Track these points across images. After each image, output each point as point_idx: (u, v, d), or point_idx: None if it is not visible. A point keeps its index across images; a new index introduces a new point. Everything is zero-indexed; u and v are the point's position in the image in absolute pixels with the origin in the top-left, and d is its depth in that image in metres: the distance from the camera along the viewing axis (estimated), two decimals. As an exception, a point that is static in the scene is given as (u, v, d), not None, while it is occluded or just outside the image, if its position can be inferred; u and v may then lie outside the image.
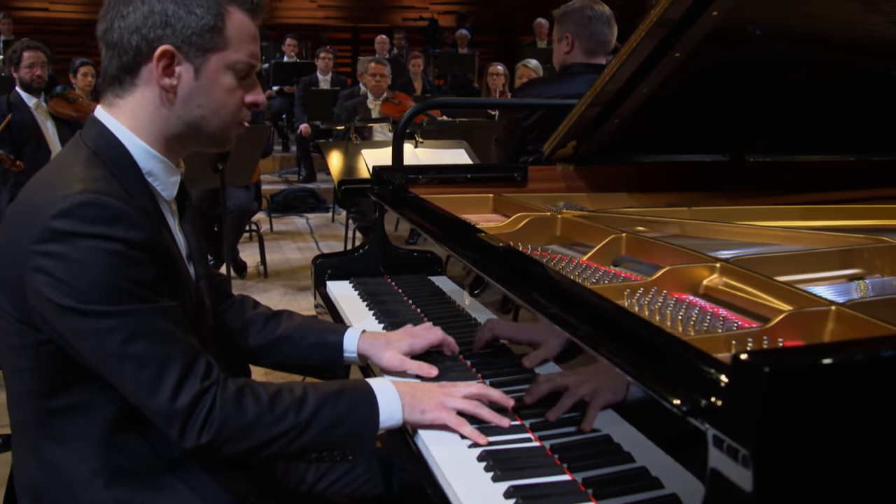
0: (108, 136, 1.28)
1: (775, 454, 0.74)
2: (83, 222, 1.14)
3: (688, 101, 2.25)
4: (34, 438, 1.27)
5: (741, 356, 0.77)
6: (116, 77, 1.28)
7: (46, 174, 1.28)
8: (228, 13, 1.27)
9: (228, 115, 1.31)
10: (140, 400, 1.19)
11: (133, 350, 1.16)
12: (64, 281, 1.14)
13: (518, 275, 1.39)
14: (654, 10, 1.85)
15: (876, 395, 0.80)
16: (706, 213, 2.08)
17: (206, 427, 1.18)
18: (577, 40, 3.14)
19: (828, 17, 2.03)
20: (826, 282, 1.59)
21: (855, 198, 2.38)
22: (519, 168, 2.46)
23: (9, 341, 1.24)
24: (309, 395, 1.26)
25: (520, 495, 1.09)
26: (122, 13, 1.25)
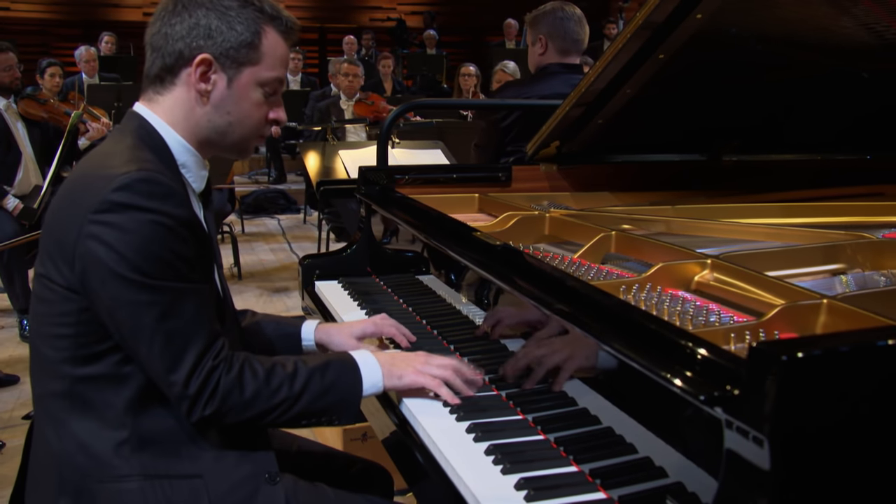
0: (149, 127, 1.39)
1: (790, 436, 0.78)
2: (140, 196, 1.24)
3: (667, 101, 2.30)
4: (61, 408, 1.32)
5: (758, 347, 0.80)
6: (158, 76, 1.39)
7: (98, 156, 1.37)
8: (265, 32, 1.40)
9: (252, 126, 1.43)
10: (160, 372, 1.27)
11: (166, 326, 1.25)
12: (116, 249, 1.23)
13: (523, 273, 1.42)
14: (640, 12, 1.89)
15: (880, 380, 0.84)
16: (690, 211, 2.13)
17: (210, 401, 1.27)
18: (551, 41, 3.18)
19: (800, 20, 2.09)
20: (810, 277, 1.64)
21: (828, 196, 2.45)
22: (503, 168, 2.49)
23: (51, 309, 1.31)
24: (300, 369, 1.36)
25: (530, 487, 1.12)
26: (170, 22, 1.37)
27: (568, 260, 1.71)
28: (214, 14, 1.36)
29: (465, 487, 1.16)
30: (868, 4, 2.04)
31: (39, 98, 4.80)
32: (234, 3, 1.37)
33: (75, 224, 1.25)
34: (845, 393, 0.82)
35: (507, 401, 1.43)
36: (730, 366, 0.88)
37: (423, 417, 1.37)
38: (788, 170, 2.67)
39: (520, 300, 1.51)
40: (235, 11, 1.37)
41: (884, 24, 2.11)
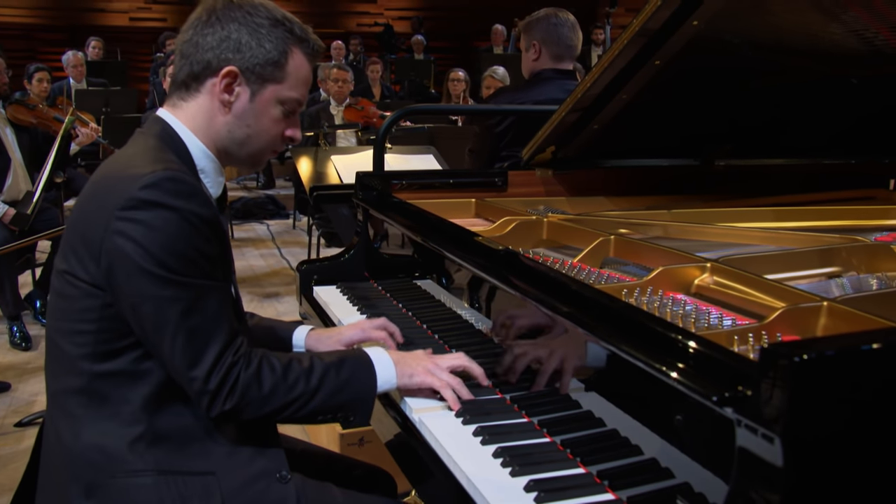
0: (171, 131, 1.43)
1: (802, 434, 0.80)
2: (167, 194, 1.27)
3: (661, 107, 2.32)
4: (78, 404, 1.34)
5: (770, 348, 0.82)
6: (184, 82, 1.43)
7: (124, 157, 1.40)
8: (292, 53, 1.44)
9: (268, 140, 1.48)
10: (182, 368, 1.28)
11: (189, 321, 1.27)
12: (142, 244, 1.25)
13: (528, 277, 1.43)
14: (637, 18, 1.91)
15: (888, 379, 0.86)
16: (686, 215, 2.15)
17: (230, 396, 1.30)
18: (545, 47, 3.21)
19: (791, 27, 2.11)
20: (807, 280, 1.66)
21: (819, 200, 2.48)
22: (499, 173, 2.50)
23: (73, 305, 1.33)
24: (315, 365, 1.39)
25: (540, 488, 1.13)
26: (202, 32, 1.41)
27: (568, 264, 1.73)
28: (246, 29, 1.40)
29: (475, 490, 1.17)
30: (857, 11, 2.07)
31: (28, 103, 4.78)
32: (265, 22, 1.41)
33: (102, 221, 1.28)
34: (855, 392, 0.84)
35: (511, 404, 1.44)
36: (740, 367, 0.90)
37: (429, 420, 1.39)
38: (779, 174, 2.71)
39: (522, 304, 1.53)
40: (266, 30, 1.41)
41: (872, 30, 2.14)
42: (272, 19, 1.42)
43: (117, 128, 6.06)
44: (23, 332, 4.35)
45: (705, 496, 1.07)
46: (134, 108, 7.79)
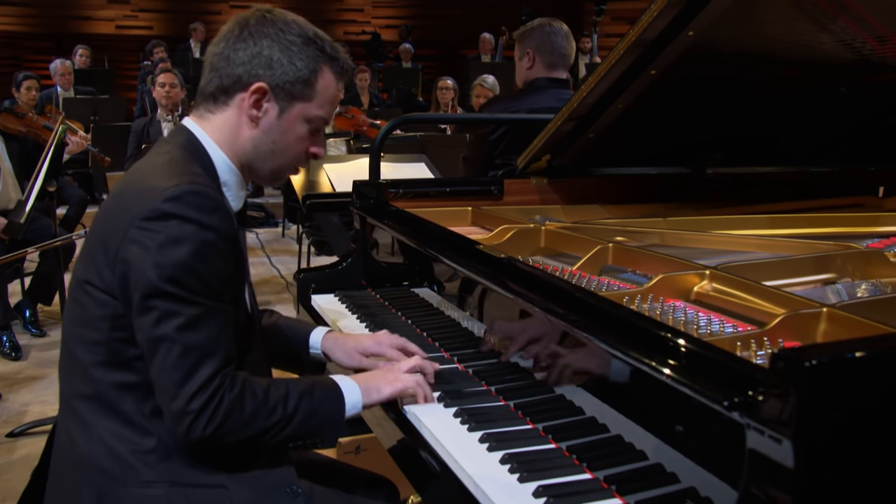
0: (196, 142, 1.44)
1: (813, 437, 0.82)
2: (189, 208, 1.27)
3: (655, 115, 2.35)
4: (90, 410, 1.34)
5: (782, 353, 0.84)
6: (213, 95, 1.44)
7: (148, 166, 1.40)
8: (322, 72, 1.45)
9: (292, 157, 1.49)
10: (168, 384, 1.27)
11: (186, 338, 1.26)
12: (156, 255, 1.26)
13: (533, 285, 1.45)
14: (634, 29, 1.94)
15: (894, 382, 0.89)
16: (681, 223, 2.18)
17: (212, 419, 1.27)
18: (539, 55, 3.24)
19: (782, 37, 2.15)
20: (802, 286, 1.69)
21: (810, 207, 2.51)
22: (495, 181, 2.52)
23: (87, 313, 1.34)
24: (291, 390, 1.38)
25: (549, 494, 1.14)
26: (234, 47, 1.42)
27: (568, 272, 1.75)
28: (278, 47, 1.41)
29: (483, 496, 1.18)
30: (845, 22, 2.11)
31: (18, 112, 4.77)
32: (297, 40, 1.42)
33: (121, 229, 1.28)
34: (863, 395, 0.86)
35: (515, 411, 1.46)
36: (749, 372, 0.92)
37: (433, 427, 1.40)
38: (770, 182, 2.74)
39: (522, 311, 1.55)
40: (298, 47, 1.42)
41: (860, 40, 2.18)
42: (304, 37, 1.43)
43: (107, 136, 6.04)
44: (13, 342, 4.32)
45: (711, 500, 1.09)
46: (122, 116, 7.76)
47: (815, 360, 0.82)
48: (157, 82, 5.23)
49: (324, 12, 14.22)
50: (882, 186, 2.77)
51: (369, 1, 14.24)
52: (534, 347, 1.53)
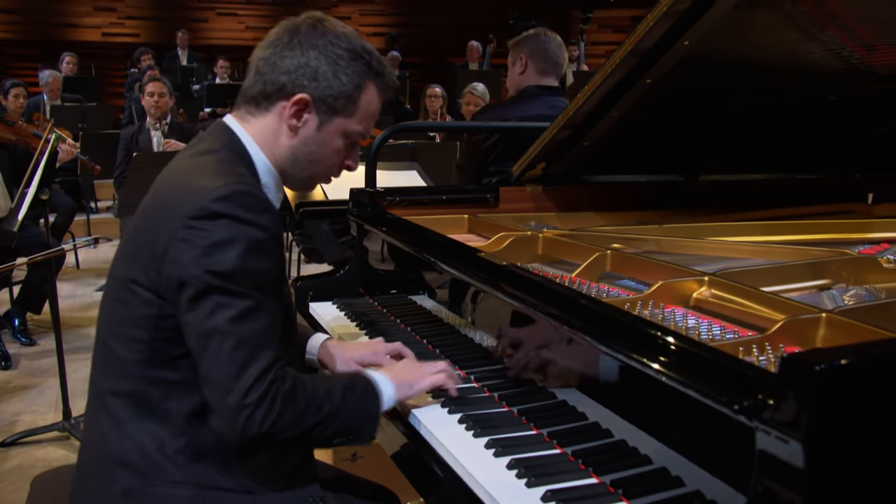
0: (238, 142, 1.44)
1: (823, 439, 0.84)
2: (238, 207, 1.27)
3: (649, 124, 2.37)
4: (126, 407, 1.35)
5: (791, 357, 0.86)
6: (255, 99, 1.44)
7: (193, 165, 1.38)
8: (366, 88, 1.45)
9: (326, 168, 1.50)
10: (223, 378, 1.24)
11: (238, 329, 1.25)
12: (206, 252, 1.25)
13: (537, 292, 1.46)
14: (631, 38, 1.96)
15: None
16: (677, 230, 2.20)
17: (269, 414, 1.26)
18: (531, 61, 3.28)
19: (772, 46, 2.18)
20: (798, 292, 1.71)
21: (801, 214, 2.55)
22: (491, 189, 2.54)
23: (131, 312, 1.34)
24: (335, 386, 1.39)
25: (557, 499, 1.16)
26: (282, 54, 1.41)
27: (567, 280, 1.76)
28: (325, 59, 1.40)
29: (493, 501, 1.19)
30: (834, 31, 2.14)
31: (7, 120, 4.75)
32: (345, 54, 1.42)
33: (169, 228, 1.28)
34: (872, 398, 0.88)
35: (518, 416, 1.47)
36: (758, 377, 0.94)
37: (439, 433, 1.41)
38: (761, 189, 2.77)
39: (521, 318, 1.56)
40: (345, 62, 1.42)
41: (848, 49, 2.21)
42: (352, 52, 1.42)
43: (96, 144, 6.01)
44: (2, 352, 4.30)
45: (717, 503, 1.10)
46: (110, 124, 7.73)
47: (825, 364, 0.84)
48: (146, 91, 5.21)
49: (311, 20, 14.22)
50: (871, 193, 2.81)
51: (356, 9, 14.27)
52: (536, 353, 1.55)
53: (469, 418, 1.44)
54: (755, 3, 1.90)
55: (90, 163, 5.29)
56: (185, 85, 9.86)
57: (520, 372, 1.58)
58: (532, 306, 1.46)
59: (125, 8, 12.83)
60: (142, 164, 4.20)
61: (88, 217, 7.22)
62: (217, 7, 13.32)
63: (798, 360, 0.85)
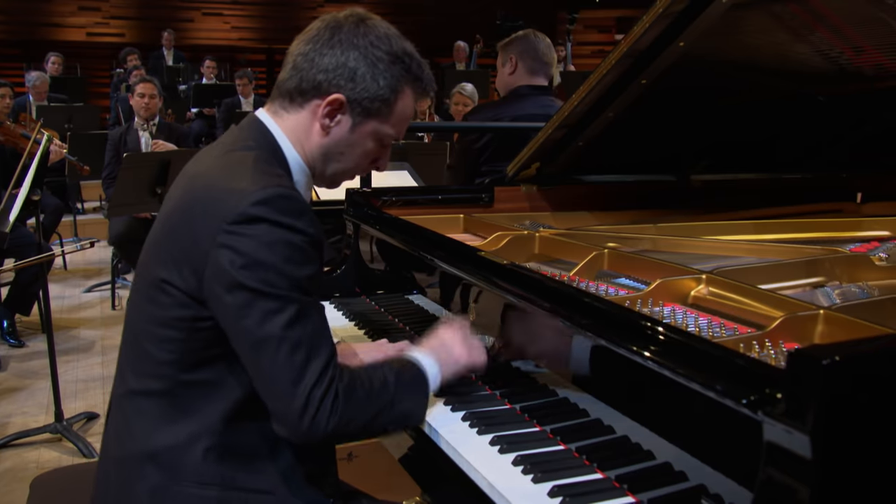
0: (272, 139, 1.43)
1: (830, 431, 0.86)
2: (278, 212, 1.26)
3: (641, 124, 2.39)
4: (157, 406, 1.35)
5: (799, 352, 0.88)
6: (290, 93, 1.43)
7: (228, 165, 1.36)
8: (403, 92, 1.44)
9: (355, 167, 1.49)
10: (283, 383, 1.25)
11: (292, 334, 1.25)
12: (250, 258, 1.24)
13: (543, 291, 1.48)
14: (626, 38, 1.98)
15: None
16: (671, 229, 2.22)
17: (333, 414, 1.27)
18: (521, 61, 3.30)
19: (762, 47, 2.20)
20: (793, 290, 1.74)
21: (792, 213, 2.58)
22: (486, 189, 2.55)
23: (165, 313, 1.33)
24: (387, 374, 1.39)
25: (564, 493, 1.17)
26: (321, 51, 1.39)
27: (566, 278, 1.78)
28: (365, 61, 1.38)
29: (500, 496, 1.20)
30: (823, 32, 2.17)
31: (-5, 121, 4.72)
32: (386, 57, 1.40)
33: (209, 233, 1.27)
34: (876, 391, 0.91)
35: (521, 414, 1.48)
36: (765, 371, 0.96)
37: (443, 430, 1.42)
38: (753, 189, 2.80)
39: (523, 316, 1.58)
40: (385, 65, 1.40)
41: (836, 50, 2.25)
42: (392, 55, 1.41)
43: (83, 144, 5.98)
44: (-9, 353, 4.28)
45: (721, 497, 1.12)
46: (97, 124, 7.69)
47: (831, 358, 0.86)
48: (136, 92, 5.19)
49: (297, 20, 14.19)
50: (860, 192, 2.85)
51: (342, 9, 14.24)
52: (537, 351, 1.57)
53: (473, 416, 1.45)
54: (747, 4, 1.93)
55: (79, 163, 5.27)
56: (172, 85, 9.82)
57: (519, 370, 1.60)
58: (537, 304, 1.47)
59: (110, 8, 12.77)
60: (132, 165, 4.19)
61: (75, 218, 7.19)
62: (203, 7, 13.28)
63: (805, 355, 0.87)
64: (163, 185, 4.27)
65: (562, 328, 1.43)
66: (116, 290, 5.48)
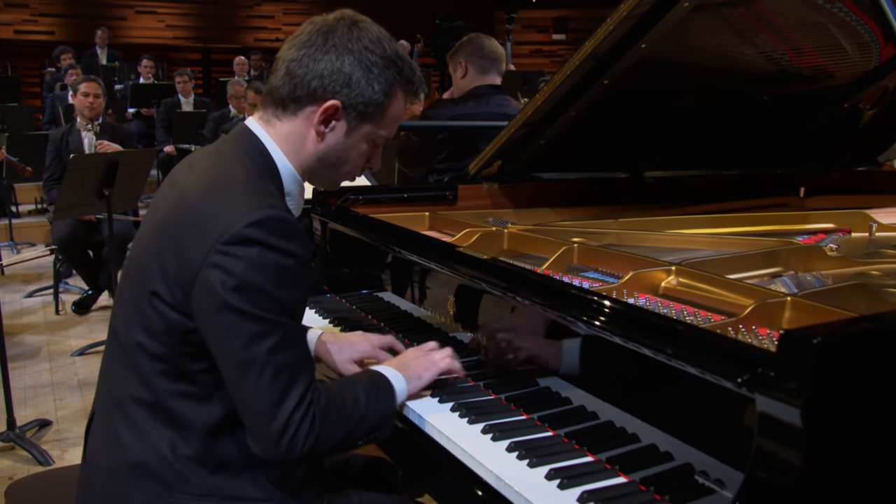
0: (264, 150, 1.42)
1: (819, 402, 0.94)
2: (271, 234, 1.26)
3: (599, 122, 2.47)
4: (147, 416, 1.34)
5: (790, 333, 0.95)
6: (283, 101, 1.42)
7: (221, 180, 1.34)
8: (395, 95, 1.44)
9: (350, 170, 1.50)
10: (265, 406, 1.26)
11: (276, 358, 1.26)
12: (240, 281, 1.24)
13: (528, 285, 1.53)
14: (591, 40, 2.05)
15: (881, 356, 1.02)
16: (633, 223, 2.30)
17: (309, 436, 1.29)
18: (470, 63, 3.36)
19: (711, 48, 2.30)
20: (754, 279, 1.83)
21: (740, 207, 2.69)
22: (450, 187, 2.60)
23: (153, 325, 1.32)
24: (357, 391, 1.42)
25: (561, 476, 1.23)
26: (315, 56, 1.39)
27: (539, 272, 1.83)
28: (360, 66, 1.38)
29: (498, 481, 1.25)
30: (766, 34, 2.28)
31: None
32: (380, 61, 1.40)
33: (200, 251, 1.26)
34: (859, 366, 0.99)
35: (507, 403, 1.53)
36: (754, 353, 1.03)
37: (435, 422, 1.46)
38: (703, 185, 2.90)
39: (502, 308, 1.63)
40: (379, 69, 1.40)
41: (779, 51, 2.36)
42: (386, 59, 1.41)
43: (23, 145, 5.82)
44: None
45: (708, 473, 1.19)
46: (31, 125, 7.48)
47: (820, 338, 0.93)
48: (80, 91, 5.07)
49: (233, 19, 14.03)
50: (803, 187, 2.99)
51: (280, 8, 14.13)
52: (519, 343, 1.62)
53: (461, 406, 1.49)
54: (703, 7, 2.01)
55: (21, 164, 5.12)
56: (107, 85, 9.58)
57: (502, 361, 1.65)
58: (523, 298, 1.52)
59: (38, 4, 12.41)
60: (79, 167, 4.10)
61: (10, 221, 6.97)
62: (136, 5, 13.00)
63: (796, 335, 0.94)
64: (110, 187, 4.19)
65: (545, 320, 1.49)
66: (60, 295, 5.35)
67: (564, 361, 1.51)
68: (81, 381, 4.10)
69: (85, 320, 5.14)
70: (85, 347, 4.50)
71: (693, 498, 1.15)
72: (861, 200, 2.79)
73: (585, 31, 2.78)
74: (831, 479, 0.97)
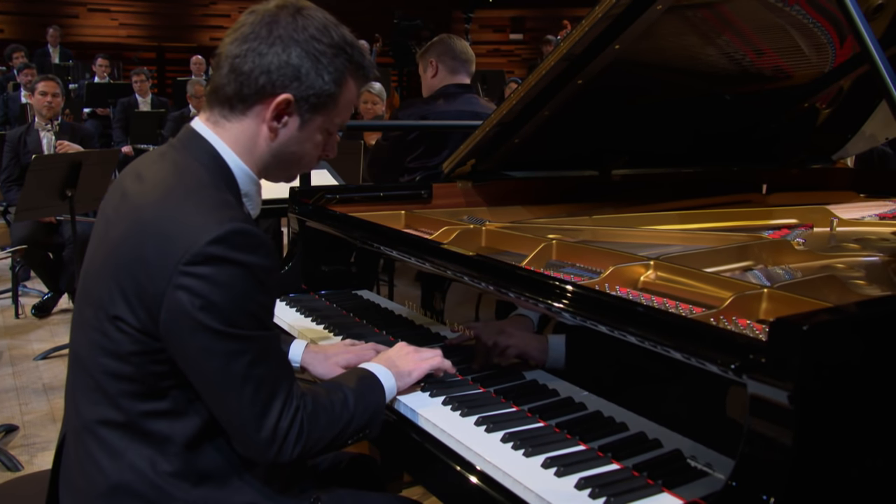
0: (216, 154, 1.37)
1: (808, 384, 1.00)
2: (234, 249, 1.22)
3: (570, 122, 2.52)
4: (120, 437, 1.30)
5: (780, 320, 1.01)
6: (229, 101, 1.36)
7: (177, 194, 1.29)
8: (347, 83, 1.40)
9: (307, 162, 1.46)
10: (249, 419, 1.26)
11: (255, 372, 1.25)
12: (209, 301, 1.21)
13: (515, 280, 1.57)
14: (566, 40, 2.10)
15: (870, 338, 1.09)
16: (606, 220, 2.36)
17: (298, 441, 1.30)
18: (441, 63, 3.40)
19: (676, 49, 2.37)
20: (728, 273, 1.89)
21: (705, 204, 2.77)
22: (425, 186, 2.63)
23: (118, 347, 1.28)
24: (346, 391, 1.43)
25: (558, 464, 1.26)
26: (260, 51, 1.32)
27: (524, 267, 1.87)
28: (308, 58, 1.33)
29: (497, 471, 1.28)
30: (729, 36, 2.36)
31: None
32: (328, 50, 1.35)
33: (163, 273, 1.22)
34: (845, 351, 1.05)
35: (497, 396, 1.57)
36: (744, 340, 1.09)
37: (429, 415, 1.49)
38: (669, 182, 2.98)
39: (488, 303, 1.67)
40: (328, 59, 1.35)
41: (740, 52, 2.44)
42: (334, 46, 1.36)
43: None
44: None
45: (697, 458, 1.24)
46: (-16, 125, 7.31)
47: (809, 325, 0.99)
48: (38, 90, 4.98)
49: (188, 18, 13.86)
50: (765, 184, 3.08)
51: (236, 7, 13.99)
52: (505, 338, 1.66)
53: (453, 400, 1.53)
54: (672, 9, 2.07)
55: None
56: (61, 84, 9.40)
57: (489, 356, 1.68)
58: (515, 293, 1.56)
59: (-13, 2, 12.14)
60: (40, 168, 4.04)
61: (-37, 224, 6.82)
62: (88, 3, 12.77)
63: (786, 322, 1.00)
64: (72, 188, 4.14)
65: (531, 314, 1.53)
66: (19, 298, 5.25)
67: (551, 355, 1.55)
68: (46, 385, 4.04)
69: (46, 323, 5.06)
70: (48, 351, 4.43)
71: (686, 481, 1.20)
72: (818, 197, 2.90)
73: (542, 31, 2.80)
74: (819, 455, 1.02)
